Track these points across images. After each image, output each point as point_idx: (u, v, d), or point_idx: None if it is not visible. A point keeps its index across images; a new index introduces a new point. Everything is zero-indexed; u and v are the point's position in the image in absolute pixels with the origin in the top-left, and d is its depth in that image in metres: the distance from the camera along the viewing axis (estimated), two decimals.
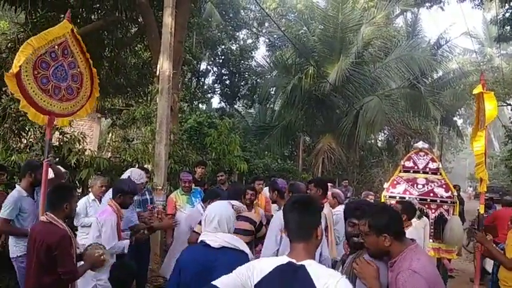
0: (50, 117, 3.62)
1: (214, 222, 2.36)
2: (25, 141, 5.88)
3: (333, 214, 4.59)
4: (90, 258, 2.93)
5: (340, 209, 4.86)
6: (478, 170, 4.35)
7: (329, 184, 5.35)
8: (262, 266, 1.83)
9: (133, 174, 4.53)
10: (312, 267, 1.73)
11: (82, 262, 2.97)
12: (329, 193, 4.89)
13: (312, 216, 1.86)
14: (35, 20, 7.62)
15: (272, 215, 4.53)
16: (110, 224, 3.49)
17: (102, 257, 2.94)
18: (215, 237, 2.33)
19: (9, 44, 7.33)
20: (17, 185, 4.02)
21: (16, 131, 5.83)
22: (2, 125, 5.75)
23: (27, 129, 5.94)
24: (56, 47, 3.61)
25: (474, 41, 28.34)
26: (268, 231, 3.68)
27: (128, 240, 3.74)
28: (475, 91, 4.19)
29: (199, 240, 2.43)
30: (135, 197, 5.10)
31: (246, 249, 2.41)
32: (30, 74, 3.38)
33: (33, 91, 3.43)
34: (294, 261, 1.76)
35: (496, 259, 4.24)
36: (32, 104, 3.44)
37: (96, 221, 3.55)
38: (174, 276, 2.35)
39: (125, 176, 4.43)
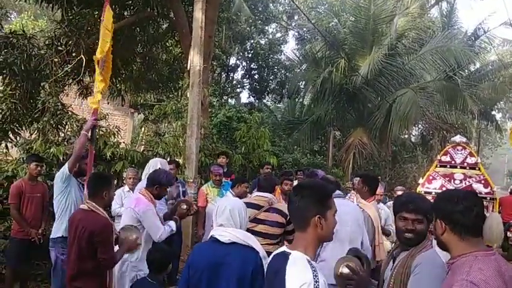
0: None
1: (226, 212, 2.32)
2: (63, 135, 6.08)
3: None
4: (126, 242, 2.97)
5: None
6: None
7: None
8: (272, 254, 1.85)
9: (163, 164, 4.58)
10: (294, 259, 1.64)
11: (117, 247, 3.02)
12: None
13: (309, 203, 1.68)
14: (71, 17, 7.86)
15: None
16: (152, 214, 3.45)
17: (137, 241, 2.99)
18: (225, 232, 2.29)
19: (47, 41, 7.59)
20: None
21: (54, 125, 6.04)
22: (41, 119, 5.98)
23: (65, 122, 6.15)
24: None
25: None
26: None
27: (173, 221, 3.65)
28: None
29: (209, 236, 2.39)
30: (168, 189, 5.21)
31: (258, 247, 2.35)
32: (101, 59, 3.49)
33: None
34: (287, 250, 1.72)
35: None
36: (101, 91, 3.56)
37: (132, 211, 3.45)
38: (184, 274, 2.33)
39: (153, 166, 4.41)
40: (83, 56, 6.94)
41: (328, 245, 3.08)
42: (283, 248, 1.79)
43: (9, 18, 15.33)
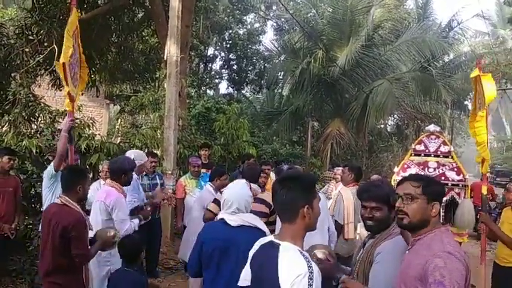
0: (73, 103, 3.67)
1: (233, 207, 2.51)
2: (35, 127, 5.91)
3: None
4: (101, 238, 2.96)
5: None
6: (480, 150, 4.31)
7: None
8: (257, 243, 1.86)
9: (137, 155, 4.55)
10: (285, 250, 1.64)
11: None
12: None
13: (297, 194, 1.70)
14: (42, 5, 7.58)
15: None
16: (122, 206, 3.47)
17: (114, 238, 2.96)
18: (234, 217, 2.48)
19: (17, 30, 7.32)
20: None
21: (26, 117, 5.86)
22: (13, 110, 5.79)
23: (37, 114, 5.97)
24: (74, 35, 3.61)
25: (487, 23, 27.58)
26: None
27: (137, 219, 3.72)
28: (472, 75, 4.17)
29: (218, 218, 2.57)
30: (146, 181, 5.16)
31: (264, 227, 2.53)
32: (67, 63, 3.42)
33: (69, 80, 3.49)
34: (275, 240, 1.73)
35: (500, 239, 4.27)
36: (68, 93, 3.52)
37: (104, 204, 3.46)
38: (196, 250, 2.51)
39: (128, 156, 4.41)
40: (55, 46, 6.71)
41: None
42: (270, 238, 1.79)
43: None
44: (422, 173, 6.64)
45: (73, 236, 2.66)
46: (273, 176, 6.52)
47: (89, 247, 2.85)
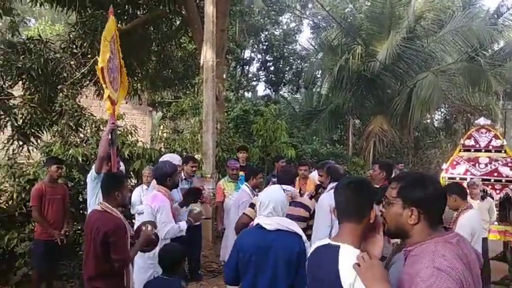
0: (113, 107, 3.77)
1: (269, 207, 2.49)
2: (82, 136, 6.17)
3: None
4: (142, 235, 2.99)
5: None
6: None
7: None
8: (313, 247, 1.85)
9: (172, 157, 4.65)
10: (346, 250, 1.63)
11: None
12: None
13: (365, 198, 1.75)
14: (85, 19, 7.94)
15: None
16: (166, 210, 3.51)
17: (153, 231, 3.00)
18: (270, 221, 2.46)
19: (63, 45, 7.71)
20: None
21: (73, 127, 6.14)
22: (60, 121, 6.08)
23: (83, 124, 6.24)
24: (112, 41, 3.73)
25: None
26: (318, 214, 3.60)
27: (185, 222, 3.70)
28: None
29: (255, 223, 2.57)
30: (185, 185, 5.23)
31: (300, 231, 2.52)
32: (106, 68, 3.54)
33: (108, 84, 3.60)
34: (333, 242, 1.71)
35: None
36: (108, 97, 3.62)
37: (150, 208, 3.53)
38: (233, 257, 2.51)
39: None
40: (97, 58, 7.00)
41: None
42: (326, 241, 1.77)
43: (27, 25, 15.70)
44: (473, 169, 6.28)
45: (112, 241, 2.72)
46: (314, 175, 6.41)
47: (129, 251, 2.89)
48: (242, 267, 2.44)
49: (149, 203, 3.59)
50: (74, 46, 7.70)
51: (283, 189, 3.68)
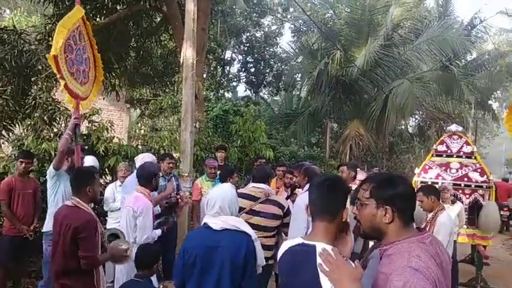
0: (77, 100, 3.66)
1: (215, 207, 2.39)
2: (55, 130, 6.02)
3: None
4: (112, 250, 2.93)
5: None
6: None
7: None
8: (283, 246, 1.81)
9: (146, 157, 4.61)
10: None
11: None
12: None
13: (340, 196, 1.77)
14: (62, 12, 7.74)
15: None
16: (149, 214, 3.45)
17: (126, 252, 2.93)
18: (217, 220, 2.37)
19: (38, 36, 7.50)
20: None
21: (47, 120, 5.97)
22: (33, 114, 5.91)
23: (57, 118, 6.08)
24: (75, 31, 3.62)
25: (511, 20, 26.76)
26: (294, 213, 3.62)
27: (160, 230, 3.71)
28: None
29: (201, 223, 2.47)
30: (162, 183, 5.18)
31: (248, 230, 2.43)
32: (62, 57, 3.40)
33: (65, 74, 3.47)
34: (307, 241, 1.69)
35: None
36: (65, 87, 3.48)
37: (132, 210, 3.44)
38: (179, 259, 2.40)
39: (139, 161, 4.44)
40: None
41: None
42: (299, 240, 1.74)
43: (1, 15, 15.19)
44: (445, 174, 6.47)
45: (82, 237, 2.65)
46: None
47: (99, 251, 2.82)
48: (187, 268, 2.34)
49: (131, 205, 3.50)
50: (50, 38, 7.47)
51: (259, 187, 3.72)
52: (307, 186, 3.93)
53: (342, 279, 1.46)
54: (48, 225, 3.88)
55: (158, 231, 3.66)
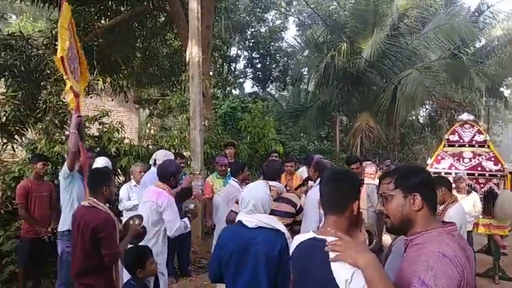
0: (77, 99, 3.68)
1: (249, 205, 2.45)
2: (67, 133, 6.07)
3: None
4: (131, 229, 2.98)
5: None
6: None
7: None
8: (295, 241, 1.82)
9: (166, 154, 4.62)
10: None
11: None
12: None
13: (350, 189, 1.75)
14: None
15: None
16: (174, 207, 3.49)
17: (140, 225, 2.99)
18: (251, 218, 2.42)
19: (45, 41, 7.56)
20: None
21: (58, 124, 6.04)
22: (44, 118, 5.98)
23: (68, 121, 6.14)
24: (71, 30, 3.65)
25: None
26: (307, 207, 3.62)
27: (187, 218, 3.71)
28: None
29: (236, 220, 2.52)
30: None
31: (282, 228, 2.47)
32: (66, 58, 3.42)
33: (69, 74, 3.49)
34: (317, 236, 1.69)
35: None
36: (70, 88, 3.51)
37: (156, 204, 3.47)
38: (216, 253, 2.48)
39: (158, 159, 4.47)
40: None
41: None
42: (310, 235, 1.74)
43: (7, 21, 15.34)
44: (458, 164, 6.41)
45: (102, 236, 2.69)
46: (302, 171, 6.45)
47: (118, 245, 2.86)
48: (223, 264, 2.42)
49: (153, 199, 3.53)
50: (57, 43, 7.52)
51: (271, 185, 3.70)
52: (319, 180, 3.95)
53: (356, 251, 1.47)
54: (64, 225, 3.95)
55: (187, 221, 3.67)
